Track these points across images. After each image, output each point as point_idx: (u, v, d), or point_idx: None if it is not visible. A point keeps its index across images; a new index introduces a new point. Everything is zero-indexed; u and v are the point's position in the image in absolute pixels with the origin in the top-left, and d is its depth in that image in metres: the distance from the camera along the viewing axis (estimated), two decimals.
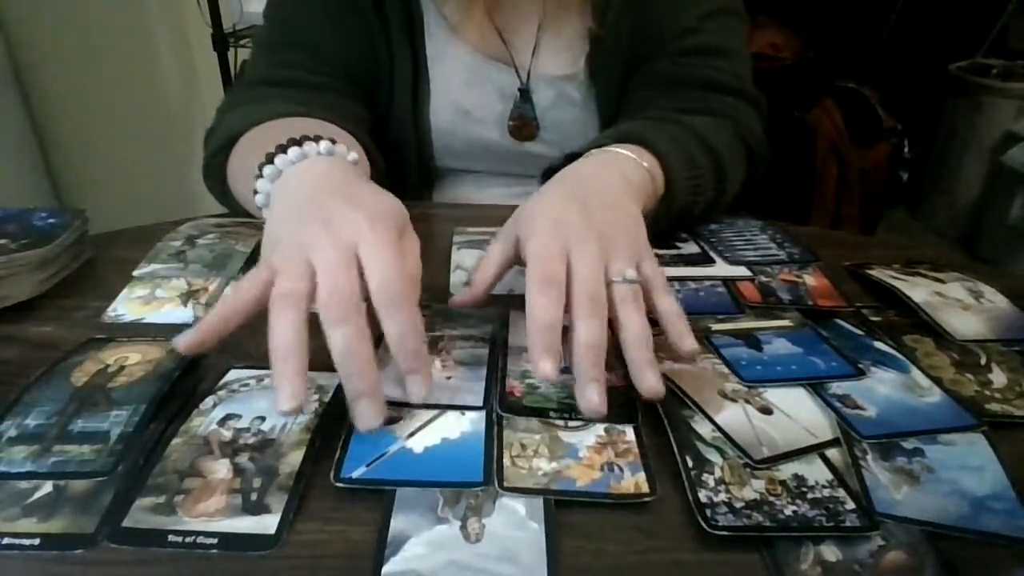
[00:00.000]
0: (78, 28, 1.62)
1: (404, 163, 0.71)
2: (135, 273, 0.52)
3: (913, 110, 1.66)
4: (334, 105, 0.61)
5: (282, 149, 0.45)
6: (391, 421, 0.36)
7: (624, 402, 0.39)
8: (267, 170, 0.46)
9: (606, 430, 0.36)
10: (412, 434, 0.35)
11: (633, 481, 0.33)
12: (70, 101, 1.69)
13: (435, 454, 0.34)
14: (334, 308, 0.34)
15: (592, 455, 0.35)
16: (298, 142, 0.45)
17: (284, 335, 0.34)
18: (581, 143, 0.67)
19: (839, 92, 1.49)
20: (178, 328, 0.45)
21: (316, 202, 0.40)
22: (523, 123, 0.70)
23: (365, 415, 0.34)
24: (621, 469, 0.34)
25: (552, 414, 0.37)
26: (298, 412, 0.34)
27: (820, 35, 1.53)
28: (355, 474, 0.33)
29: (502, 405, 0.38)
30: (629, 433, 0.36)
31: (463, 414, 0.37)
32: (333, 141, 0.46)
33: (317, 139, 0.46)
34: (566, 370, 0.41)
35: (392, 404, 0.37)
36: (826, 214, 1.50)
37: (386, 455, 0.34)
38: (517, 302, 0.44)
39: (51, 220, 0.52)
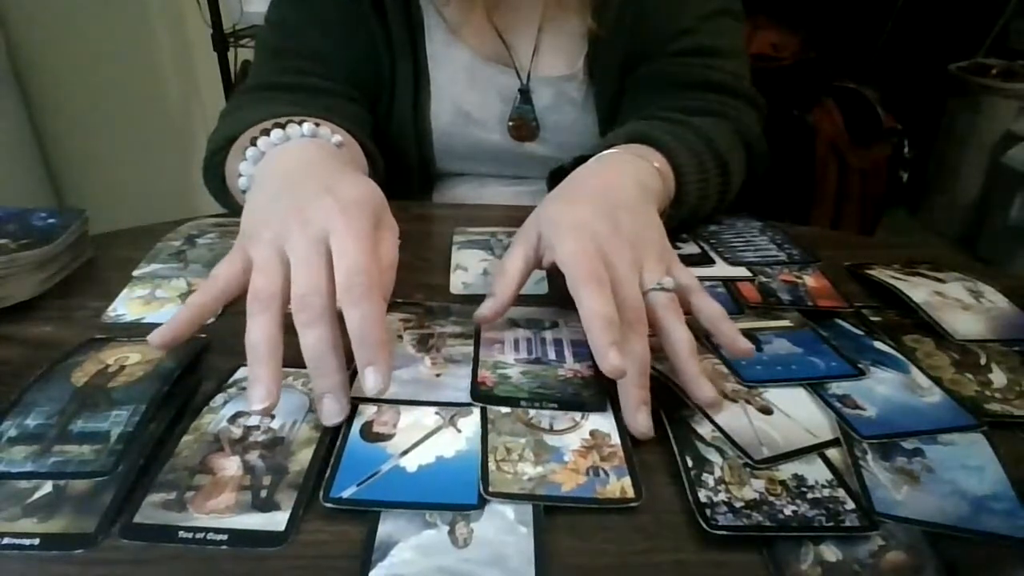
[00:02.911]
0: (78, 28, 1.62)
1: (406, 166, 0.72)
2: (135, 273, 0.52)
3: (913, 110, 1.66)
4: (335, 108, 0.61)
5: (265, 132, 0.45)
6: (385, 438, 0.35)
7: (596, 391, 0.39)
8: (250, 152, 0.46)
9: (591, 433, 0.36)
10: (406, 452, 0.34)
11: (619, 485, 0.33)
12: (70, 101, 1.69)
13: (429, 473, 0.33)
14: (306, 310, 0.35)
15: (577, 459, 0.34)
16: (282, 125, 0.45)
17: (259, 337, 0.35)
18: (580, 143, 0.67)
19: (839, 92, 1.49)
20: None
21: (292, 188, 0.40)
22: (523, 124, 0.70)
23: (328, 411, 0.35)
24: (606, 473, 0.34)
25: (523, 403, 0.38)
26: (270, 412, 0.35)
27: (820, 35, 1.53)
28: (345, 494, 0.32)
29: (473, 394, 0.38)
30: (614, 436, 0.36)
31: (459, 431, 0.36)
32: (317, 124, 0.46)
33: (301, 121, 0.46)
34: (537, 360, 0.41)
35: (386, 402, 0.38)
36: (826, 214, 1.50)
37: (378, 474, 0.33)
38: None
39: (51, 220, 0.52)
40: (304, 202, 0.38)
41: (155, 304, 0.48)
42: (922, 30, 2.07)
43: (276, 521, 0.31)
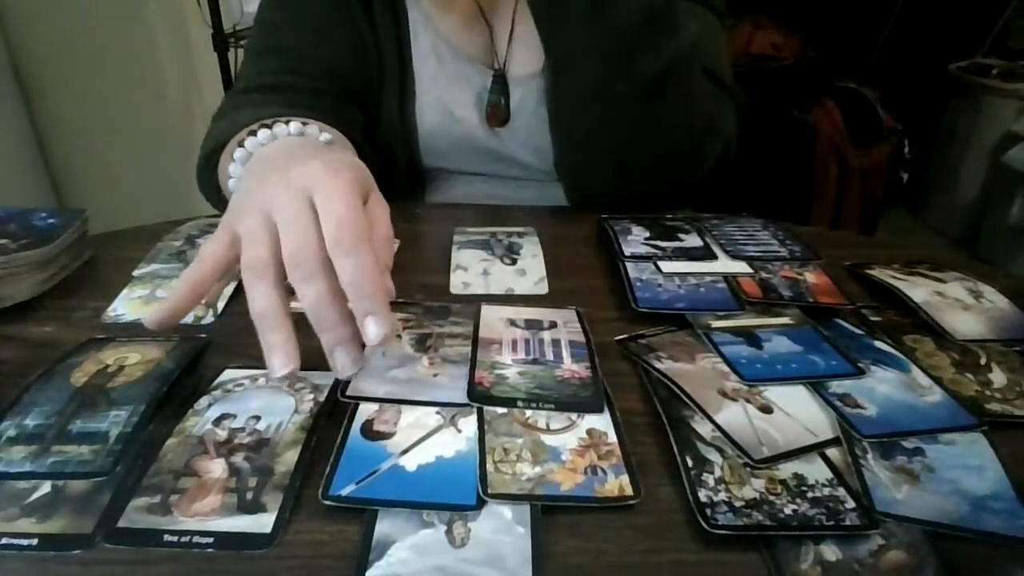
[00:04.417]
0: (78, 28, 1.62)
1: (393, 164, 0.72)
2: (135, 273, 0.52)
3: (913, 110, 1.66)
4: (324, 108, 0.61)
5: (252, 133, 0.45)
6: (386, 437, 0.35)
7: (594, 392, 0.39)
8: (238, 154, 0.46)
9: (588, 432, 0.36)
10: (406, 451, 0.34)
11: (617, 483, 0.33)
12: (70, 101, 1.69)
13: (428, 473, 0.33)
14: (299, 268, 0.34)
15: (575, 458, 0.34)
16: (268, 125, 0.45)
17: (263, 306, 0.34)
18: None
19: (839, 92, 1.49)
20: (178, 328, 0.45)
21: (277, 166, 0.39)
22: (496, 110, 0.69)
23: (342, 362, 0.35)
24: (604, 472, 0.34)
25: (520, 404, 0.37)
26: (294, 375, 0.35)
27: (820, 35, 1.53)
28: (344, 492, 0.32)
29: (470, 395, 0.38)
30: (611, 435, 0.36)
31: (460, 431, 0.36)
32: (304, 123, 0.46)
33: (288, 121, 0.45)
34: (535, 361, 0.41)
35: (381, 401, 0.38)
36: (826, 214, 1.50)
37: (377, 472, 0.33)
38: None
39: (51, 220, 0.52)
40: (289, 169, 0.37)
41: (155, 304, 0.48)
42: (922, 30, 2.07)
43: (262, 523, 0.30)
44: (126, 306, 0.48)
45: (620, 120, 0.61)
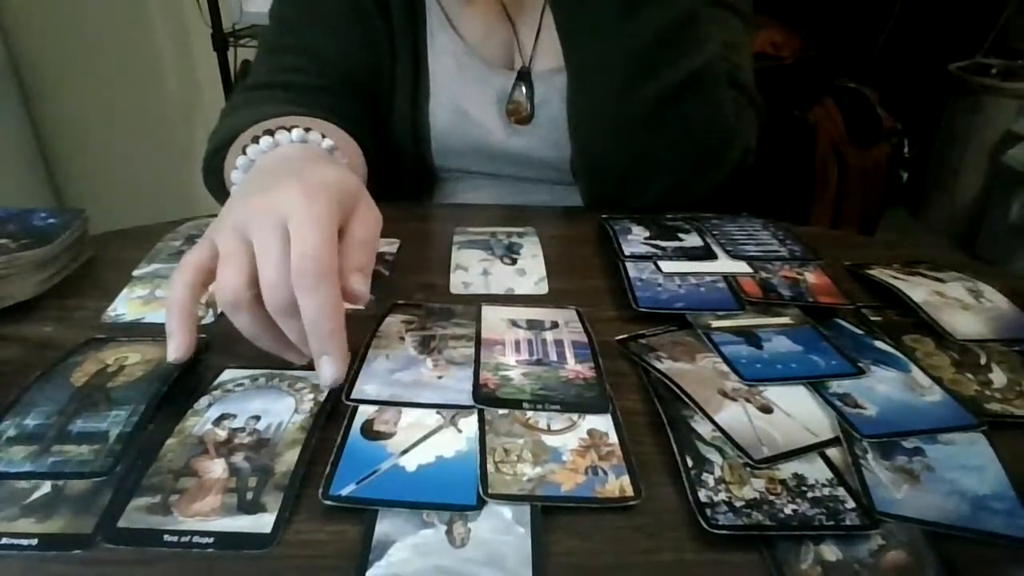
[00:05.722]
0: (78, 28, 1.63)
1: (402, 165, 0.71)
2: (135, 273, 0.52)
3: (913, 110, 1.66)
4: (333, 107, 0.61)
5: (255, 140, 0.45)
6: (386, 437, 0.35)
7: (599, 393, 0.39)
8: (240, 161, 0.46)
9: (589, 432, 0.36)
10: (406, 451, 0.34)
11: (618, 484, 0.33)
12: (70, 101, 1.69)
13: (428, 473, 0.33)
14: (275, 302, 0.35)
15: (576, 458, 0.34)
16: (271, 132, 0.45)
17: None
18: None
19: (839, 92, 1.48)
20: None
21: (263, 180, 0.40)
22: (518, 108, 0.69)
23: (326, 372, 0.35)
24: (605, 472, 0.33)
25: (525, 405, 0.37)
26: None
27: (820, 35, 1.53)
28: (344, 491, 0.32)
29: (475, 397, 0.38)
30: (612, 435, 0.36)
31: (460, 431, 0.36)
32: (307, 129, 0.46)
33: (291, 128, 0.46)
34: (538, 362, 0.41)
35: (386, 404, 0.38)
36: (826, 214, 1.50)
37: (377, 472, 0.33)
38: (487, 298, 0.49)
39: (51, 220, 0.52)
40: (271, 188, 0.37)
41: (155, 304, 0.48)
42: (922, 30, 2.07)
43: (262, 523, 0.30)
44: (126, 306, 0.48)
45: (637, 127, 0.61)
